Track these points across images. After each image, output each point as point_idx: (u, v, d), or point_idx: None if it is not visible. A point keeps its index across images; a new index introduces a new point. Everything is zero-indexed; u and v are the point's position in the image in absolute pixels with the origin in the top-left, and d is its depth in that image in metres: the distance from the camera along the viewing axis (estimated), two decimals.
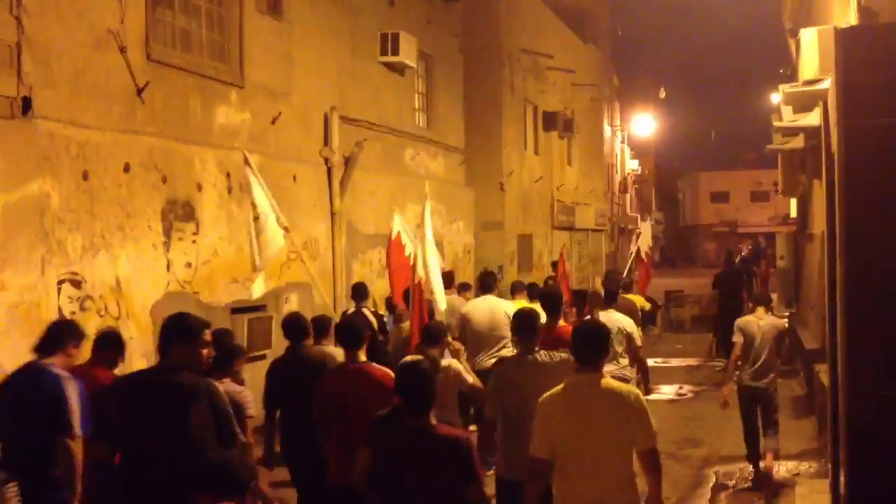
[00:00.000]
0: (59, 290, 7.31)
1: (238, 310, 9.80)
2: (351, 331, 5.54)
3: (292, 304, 10.52)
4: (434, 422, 4.17)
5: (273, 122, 10.61)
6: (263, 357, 10.20)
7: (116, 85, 8.10)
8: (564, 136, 22.97)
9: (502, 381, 5.14)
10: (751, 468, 8.22)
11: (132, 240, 8.19)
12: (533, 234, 20.71)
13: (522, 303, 8.81)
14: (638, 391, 4.52)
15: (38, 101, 7.15)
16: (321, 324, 6.61)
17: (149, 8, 8.52)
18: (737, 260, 20.72)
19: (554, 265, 17.06)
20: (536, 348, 5.25)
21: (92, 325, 7.67)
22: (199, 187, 9.20)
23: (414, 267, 7.34)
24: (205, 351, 4.64)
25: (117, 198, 8.02)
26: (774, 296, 17.56)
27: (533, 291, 9.58)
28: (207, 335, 4.70)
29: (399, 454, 4.10)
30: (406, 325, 7.61)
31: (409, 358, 5.27)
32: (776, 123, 10.98)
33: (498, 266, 17.11)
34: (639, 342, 7.63)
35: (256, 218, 7.84)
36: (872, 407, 4.22)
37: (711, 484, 8.20)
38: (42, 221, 7.15)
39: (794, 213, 19.47)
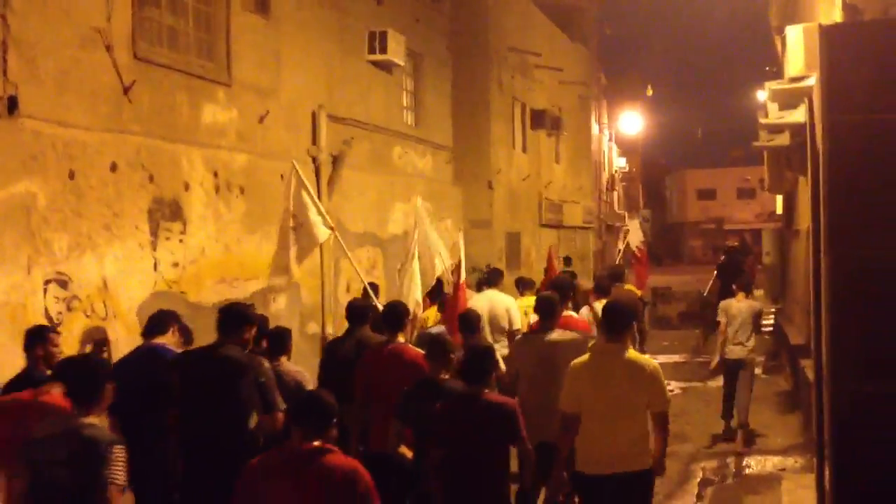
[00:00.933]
0: (45, 290, 7.27)
1: None
2: (394, 314, 6.28)
3: (279, 303, 10.51)
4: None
5: (260, 120, 10.59)
6: None
7: (103, 84, 8.07)
8: (552, 134, 23.01)
9: (523, 350, 5.94)
10: (723, 425, 9.83)
11: (119, 239, 8.16)
12: (521, 232, 20.75)
13: (531, 299, 8.86)
14: (656, 363, 5.25)
15: (24, 99, 7.11)
16: (280, 336, 6.56)
17: (135, 6, 8.48)
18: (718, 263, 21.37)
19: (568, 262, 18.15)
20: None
21: (78, 326, 7.65)
22: (187, 186, 9.17)
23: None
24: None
25: (104, 197, 7.99)
26: (761, 292, 17.81)
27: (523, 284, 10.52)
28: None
29: (458, 417, 4.82)
30: (428, 313, 8.42)
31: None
32: (762, 120, 11.03)
33: (486, 264, 17.15)
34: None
35: (294, 227, 8.24)
36: (856, 402, 4.26)
37: (698, 479, 8.26)
38: (28, 221, 7.12)
39: (780, 210, 19.59)
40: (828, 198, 4.41)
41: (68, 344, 7.51)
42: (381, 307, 7.76)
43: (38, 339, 5.73)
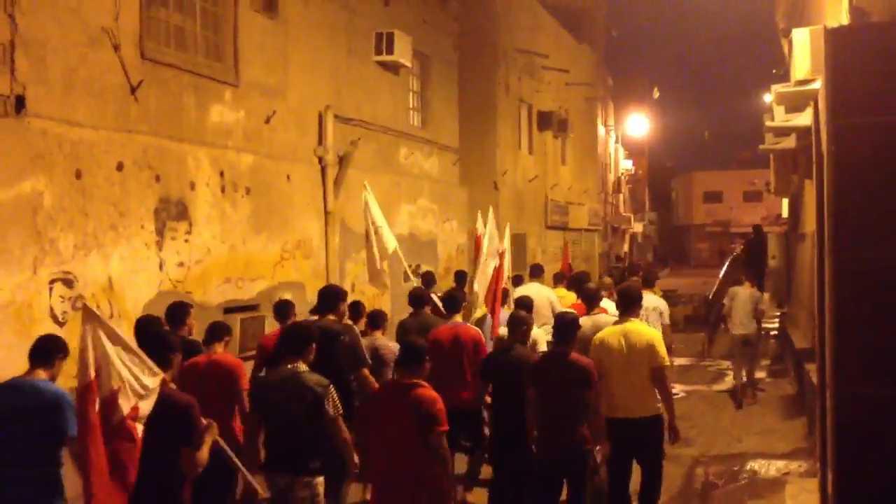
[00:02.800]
0: (50, 289, 7.30)
1: (230, 309, 9.80)
2: (452, 299, 8.21)
3: None
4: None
5: (267, 120, 10.62)
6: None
7: (110, 83, 8.10)
8: (559, 135, 23.01)
9: (539, 372, 6.53)
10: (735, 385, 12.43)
11: (125, 239, 8.19)
12: (527, 234, 20.75)
13: (562, 290, 11.07)
14: (658, 332, 7.05)
15: (31, 99, 7.14)
16: (377, 316, 8.27)
17: (143, 6, 8.51)
18: (733, 256, 22.47)
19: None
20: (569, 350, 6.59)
21: None
22: (193, 186, 9.19)
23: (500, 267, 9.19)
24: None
25: (110, 196, 8.02)
26: (767, 295, 17.87)
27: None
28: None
29: (551, 368, 6.36)
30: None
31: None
32: (768, 123, 11.02)
33: None
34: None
35: (376, 231, 9.45)
36: (859, 405, 4.25)
37: (702, 482, 8.23)
38: (34, 220, 7.14)
39: (785, 213, 19.54)
40: (833, 200, 4.40)
41: (73, 343, 7.54)
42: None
43: (183, 312, 7.08)
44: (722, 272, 19.50)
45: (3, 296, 6.79)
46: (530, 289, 10.29)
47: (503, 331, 7.74)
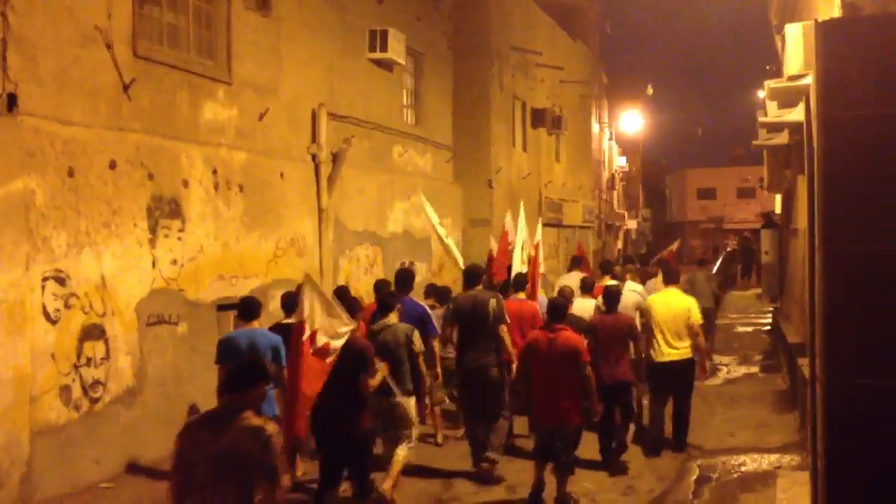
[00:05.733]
0: (43, 287, 7.30)
1: (224, 307, 9.80)
2: (519, 279, 9.92)
3: (278, 301, 10.47)
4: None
5: (260, 118, 10.62)
6: None
7: (103, 81, 8.09)
8: (553, 132, 23.00)
9: (596, 328, 8.58)
10: None
11: (117, 237, 8.18)
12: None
13: (607, 281, 11.51)
14: (693, 299, 9.37)
15: (24, 97, 7.14)
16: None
17: (136, 4, 8.51)
18: (727, 251, 23.96)
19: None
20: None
21: (76, 323, 7.68)
22: (186, 184, 9.19)
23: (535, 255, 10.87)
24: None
25: (103, 195, 8.02)
26: (759, 290, 18.18)
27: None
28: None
29: (604, 323, 8.51)
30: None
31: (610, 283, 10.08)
32: (761, 119, 11.03)
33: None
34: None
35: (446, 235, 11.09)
36: (850, 396, 4.27)
37: (695, 476, 8.26)
38: (27, 218, 7.14)
39: (778, 209, 19.58)
40: (823, 192, 4.42)
41: (66, 341, 7.55)
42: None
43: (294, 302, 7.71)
44: (715, 268, 19.59)
45: None
46: (574, 277, 11.95)
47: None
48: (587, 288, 10.41)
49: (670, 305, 8.97)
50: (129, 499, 7.65)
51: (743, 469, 8.47)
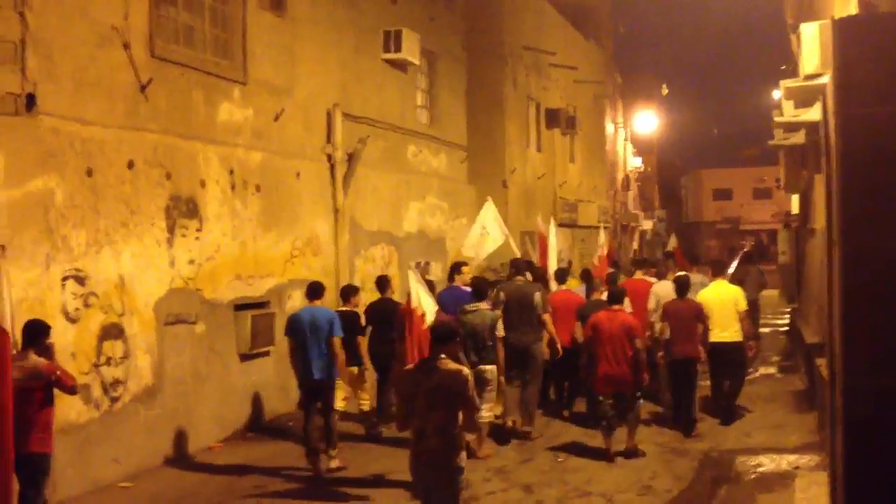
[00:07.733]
0: (63, 286, 7.36)
1: (241, 306, 9.85)
2: (561, 271, 12.00)
3: (294, 300, 10.56)
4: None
5: (276, 118, 10.66)
6: (267, 353, 10.26)
7: (120, 81, 8.15)
8: (567, 133, 22.96)
9: (671, 310, 10.15)
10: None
11: (136, 236, 8.24)
12: (536, 232, 20.70)
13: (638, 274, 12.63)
14: (738, 288, 10.65)
15: (42, 97, 7.20)
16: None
17: (152, 4, 8.56)
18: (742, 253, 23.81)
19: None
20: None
21: (95, 321, 7.74)
22: (203, 184, 9.25)
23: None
24: None
25: (121, 194, 8.07)
26: (776, 292, 18.34)
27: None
28: None
29: (679, 309, 9.94)
30: (571, 283, 12.17)
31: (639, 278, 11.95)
32: (777, 119, 10.98)
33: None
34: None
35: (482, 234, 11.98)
36: (868, 396, 4.25)
37: (712, 476, 8.23)
38: (46, 218, 7.20)
39: (795, 210, 19.49)
40: (841, 191, 4.40)
41: (85, 339, 7.61)
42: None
43: (353, 292, 9.52)
44: (732, 268, 19.55)
45: (16, 292, 6.82)
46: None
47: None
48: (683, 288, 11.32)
49: (720, 295, 10.22)
50: (148, 498, 7.70)
51: (761, 469, 8.42)
